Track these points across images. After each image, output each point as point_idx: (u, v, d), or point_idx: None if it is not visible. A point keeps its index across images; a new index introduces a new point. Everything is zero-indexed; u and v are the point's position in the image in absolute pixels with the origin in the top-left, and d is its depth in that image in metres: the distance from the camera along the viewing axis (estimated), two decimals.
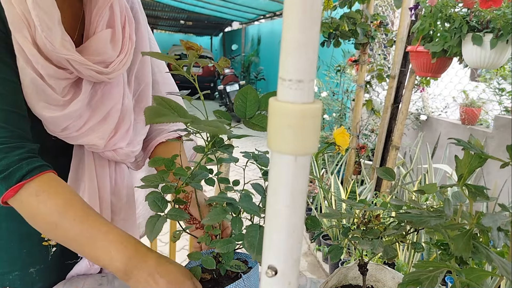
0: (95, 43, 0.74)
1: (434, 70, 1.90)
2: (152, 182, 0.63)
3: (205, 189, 0.77)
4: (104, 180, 0.85)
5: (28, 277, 0.82)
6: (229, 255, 0.65)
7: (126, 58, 0.78)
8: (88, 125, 0.77)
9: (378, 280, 0.69)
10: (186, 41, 0.61)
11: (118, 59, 0.77)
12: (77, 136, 0.78)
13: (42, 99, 0.70)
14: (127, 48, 0.79)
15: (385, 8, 3.50)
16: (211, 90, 10.63)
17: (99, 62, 0.74)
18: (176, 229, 0.68)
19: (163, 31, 15.91)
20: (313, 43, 0.25)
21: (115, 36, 0.77)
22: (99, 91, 0.79)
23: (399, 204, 0.59)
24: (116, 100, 0.81)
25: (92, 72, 0.72)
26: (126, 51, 0.78)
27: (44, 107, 0.71)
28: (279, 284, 0.29)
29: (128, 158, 0.88)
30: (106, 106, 0.79)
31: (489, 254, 0.45)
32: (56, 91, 0.71)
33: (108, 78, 0.76)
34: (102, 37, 0.74)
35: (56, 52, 0.67)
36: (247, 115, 0.56)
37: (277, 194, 0.28)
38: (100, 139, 0.79)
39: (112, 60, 0.76)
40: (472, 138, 0.50)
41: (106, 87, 0.79)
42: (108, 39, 0.75)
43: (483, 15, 1.58)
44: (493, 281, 1.34)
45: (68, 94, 0.73)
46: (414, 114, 3.44)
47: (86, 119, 0.77)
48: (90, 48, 0.74)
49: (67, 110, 0.72)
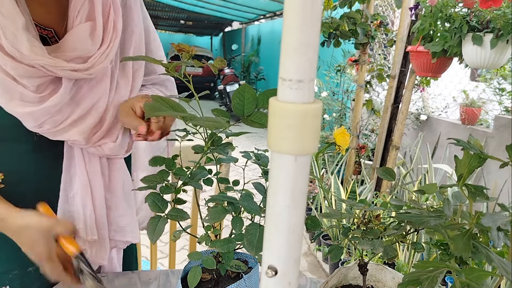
0: (72, 38, 0.72)
1: (434, 70, 1.90)
2: (151, 182, 0.63)
3: (205, 188, 0.77)
4: (95, 176, 0.84)
5: (27, 276, 0.82)
6: (229, 255, 0.65)
7: (109, 49, 0.75)
8: (68, 120, 0.75)
9: (378, 280, 0.69)
10: (178, 44, 0.62)
11: (98, 52, 0.74)
12: (56, 132, 0.76)
13: (15, 97, 0.69)
14: (110, 39, 0.76)
15: (385, 8, 3.50)
16: (211, 90, 10.62)
17: (75, 58, 0.72)
18: (176, 229, 0.68)
19: (163, 31, 15.91)
20: (313, 43, 0.25)
21: (95, 29, 0.74)
22: (84, 86, 0.77)
23: (399, 204, 0.59)
24: (101, 95, 0.78)
25: (67, 71, 0.71)
26: (108, 42, 0.75)
27: (17, 104, 0.70)
28: (279, 284, 0.29)
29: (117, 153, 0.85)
30: (90, 100, 0.77)
31: (489, 254, 0.45)
32: (30, 89, 0.70)
33: (87, 74, 0.73)
34: (80, 31, 0.72)
35: (24, 59, 0.66)
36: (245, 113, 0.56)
37: (277, 194, 0.28)
38: (80, 134, 0.77)
39: (91, 55, 0.73)
40: (472, 138, 0.50)
41: (92, 81, 0.77)
42: (87, 33, 0.73)
43: (483, 15, 1.58)
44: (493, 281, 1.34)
45: (45, 90, 0.72)
46: (414, 114, 3.44)
47: (68, 114, 0.75)
48: (66, 43, 0.72)
49: (43, 105, 0.71)
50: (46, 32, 0.75)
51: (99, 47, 0.74)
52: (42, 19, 0.75)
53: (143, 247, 2.53)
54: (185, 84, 0.62)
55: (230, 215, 0.62)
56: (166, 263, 2.59)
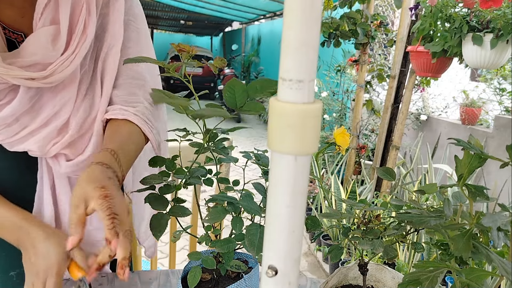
0: (32, 42, 0.66)
1: (434, 70, 1.90)
2: (151, 183, 0.63)
3: (205, 188, 0.77)
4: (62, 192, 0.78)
5: (9, 280, 0.80)
6: (229, 255, 0.65)
7: (74, 55, 0.68)
8: (26, 129, 0.70)
9: (378, 280, 0.69)
10: (178, 44, 0.62)
11: (61, 59, 0.67)
12: (12, 142, 0.70)
13: None
14: (77, 43, 0.69)
15: (385, 8, 3.50)
16: (212, 90, 10.63)
17: (33, 64, 0.66)
18: (176, 229, 0.68)
19: (163, 31, 15.91)
20: (314, 43, 0.25)
21: (59, 33, 0.67)
22: (45, 94, 0.71)
23: (399, 204, 0.59)
24: (65, 103, 0.72)
25: (22, 80, 0.64)
26: (74, 47, 0.69)
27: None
28: (279, 284, 0.29)
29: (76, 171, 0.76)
30: (52, 109, 0.71)
31: (489, 254, 0.45)
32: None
33: (46, 83, 0.67)
34: (41, 35, 0.66)
35: None
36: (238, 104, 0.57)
37: (277, 194, 0.28)
38: (36, 143, 0.71)
39: (52, 61, 0.67)
40: (472, 138, 0.50)
41: (57, 87, 0.71)
42: (49, 38, 0.67)
43: (483, 15, 1.58)
44: (493, 281, 1.33)
45: (4, 99, 0.67)
46: (414, 114, 3.44)
47: (26, 123, 0.70)
48: (26, 49, 0.66)
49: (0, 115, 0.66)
50: (15, 36, 0.70)
51: (62, 53, 0.68)
52: (13, 22, 0.70)
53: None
54: (184, 84, 0.62)
55: (230, 215, 0.62)
56: (166, 263, 2.59)
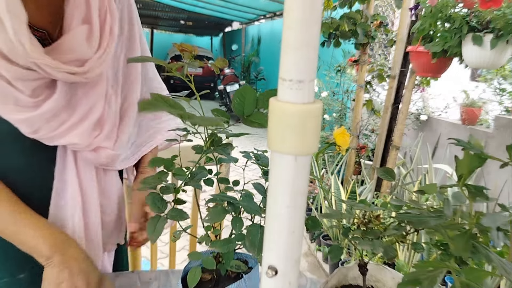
0: (69, 40, 0.70)
1: (434, 70, 1.90)
2: (151, 183, 0.63)
3: (205, 189, 0.77)
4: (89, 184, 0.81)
5: (17, 283, 0.80)
6: (229, 255, 0.65)
7: (106, 54, 0.74)
8: (66, 125, 0.73)
9: (378, 280, 0.69)
10: (180, 43, 0.61)
11: (95, 57, 0.72)
12: (53, 137, 0.73)
13: (9, 102, 0.67)
14: (107, 44, 0.74)
15: (385, 8, 3.50)
16: (212, 90, 10.63)
17: (72, 60, 0.70)
18: (176, 229, 0.68)
19: (163, 31, 15.91)
20: (314, 43, 0.25)
21: (92, 32, 0.72)
22: (79, 90, 0.75)
23: (399, 204, 0.59)
24: (97, 98, 0.76)
25: (65, 74, 0.69)
26: (105, 47, 0.74)
27: (12, 110, 0.67)
28: (279, 284, 0.29)
29: (112, 162, 0.83)
30: (86, 105, 0.75)
31: (488, 254, 0.45)
32: (25, 93, 0.67)
33: (85, 78, 0.72)
34: (77, 34, 0.70)
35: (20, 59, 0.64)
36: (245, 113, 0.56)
37: (278, 194, 0.28)
38: (80, 136, 0.75)
39: (88, 58, 0.72)
40: (472, 138, 0.50)
41: (87, 85, 0.75)
42: (84, 36, 0.71)
43: (483, 15, 1.58)
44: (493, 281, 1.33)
45: (41, 95, 0.70)
46: (415, 114, 3.44)
47: (64, 119, 0.73)
48: (63, 46, 0.70)
49: (39, 111, 0.69)
50: (39, 34, 0.73)
51: (96, 51, 0.73)
52: (37, 21, 0.72)
53: (143, 247, 2.52)
54: (185, 84, 0.61)
55: (230, 215, 0.62)
56: (166, 263, 2.59)
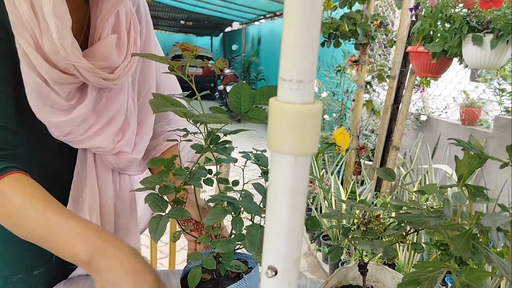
0: (101, 48, 0.74)
1: (434, 71, 1.90)
2: (151, 183, 0.63)
3: (205, 189, 0.77)
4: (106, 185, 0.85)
5: (31, 280, 0.82)
6: (229, 255, 0.65)
7: (131, 63, 0.78)
8: (93, 129, 0.78)
9: (378, 281, 0.69)
10: (182, 42, 0.62)
11: (123, 65, 0.77)
12: (81, 140, 0.78)
13: (46, 103, 0.70)
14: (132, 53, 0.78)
15: (385, 9, 3.50)
16: (212, 90, 10.63)
17: (104, 67, 0.74)
18: (176, 229, 0.68)
19: (163, 31, 15.91)
20: (314, 43, 0.25)
21: (120, 41, 0.77)
22: (104, 96, 0.79)
23: (399, 205, 0.59)
24: (120, 105, 0.81)
25: (99, 79, 0.73)
26: (130, 56, 0.78)
27: (48, 112, 0.70)
28: (279, 284, 0.29)
29: (130, 166, 0.87)
30: (111, 110, 0.80)
31: (488, 255, 0.45)
32: (61, 96, 0.71)
33: (114, 84, 0.76)
34: (108, 42, 0.74)
35: (67, 59, 0.67)
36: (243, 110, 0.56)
37: (277, 194, 0.28)
38: (105, 140, 0.79)
39: (117, 66, 0.76)
40: (472, 138, 0.50)
41: (111, 92, 0.80)
42: (114, 45, 0.75)
43: (483, 15, 1.58)
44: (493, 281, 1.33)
45: (73, 99, 0.73)
46: (414, 115, 3.44)
47: (91, 123, 0.78)
48: (95, 53, 0.74)
49: (71, 115, 0.72)
50: None
51: (123, 60, 0.77)
52: None
53: (143, 247, 2.52)
54: (185, 85, 0.62)
55: (230, 215, 0.62)
56: (166, 263, 2.59)
